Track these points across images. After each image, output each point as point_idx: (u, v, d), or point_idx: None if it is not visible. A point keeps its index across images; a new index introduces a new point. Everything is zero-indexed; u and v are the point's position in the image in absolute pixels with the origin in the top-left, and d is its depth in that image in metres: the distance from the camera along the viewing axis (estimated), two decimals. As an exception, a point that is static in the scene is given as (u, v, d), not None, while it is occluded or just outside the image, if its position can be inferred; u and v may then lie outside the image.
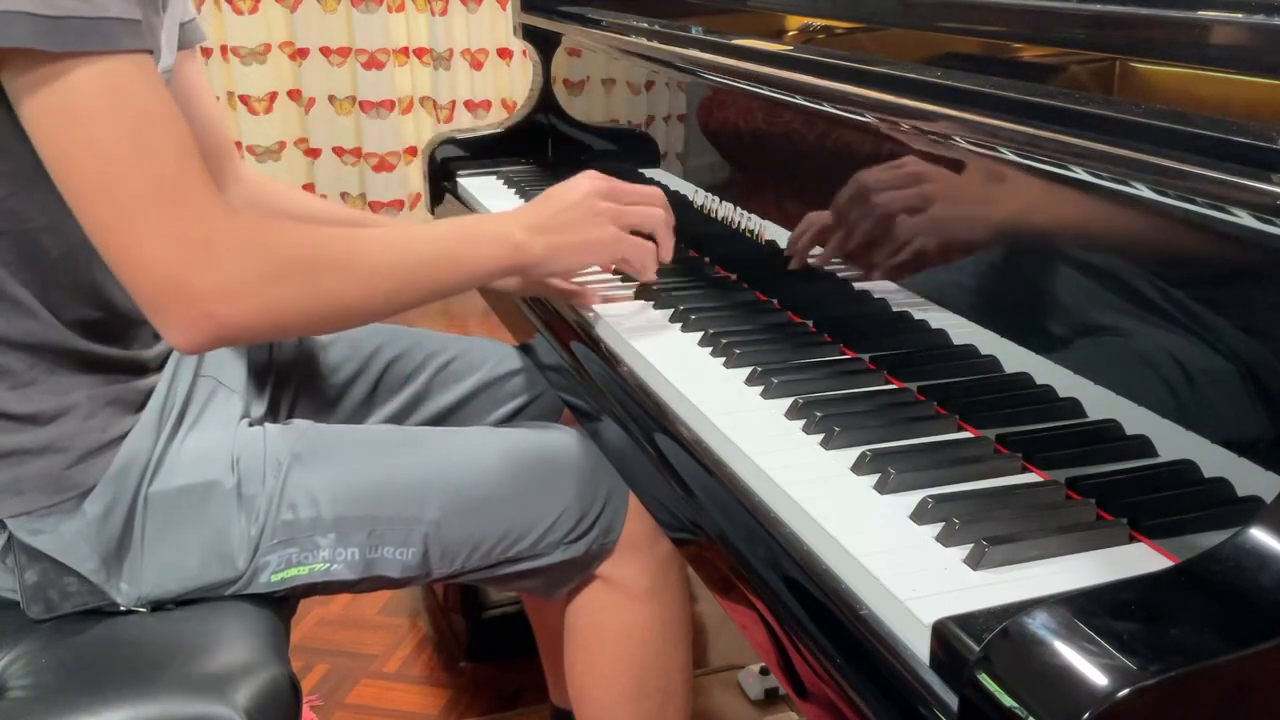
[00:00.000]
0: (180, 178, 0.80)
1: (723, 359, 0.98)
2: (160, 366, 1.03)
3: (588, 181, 1.01)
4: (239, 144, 3.66)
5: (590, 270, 1.14)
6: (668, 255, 1.05)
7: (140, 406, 1.00)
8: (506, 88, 3.81)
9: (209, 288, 0.80)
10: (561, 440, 1.10)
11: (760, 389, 0.91)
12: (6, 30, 0.75)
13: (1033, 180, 0.78)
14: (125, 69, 0.79)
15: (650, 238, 1.05)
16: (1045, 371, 0.81)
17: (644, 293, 1.14)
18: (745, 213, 1.19)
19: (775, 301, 1.12)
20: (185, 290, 0.80)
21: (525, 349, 1.30)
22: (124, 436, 0.97)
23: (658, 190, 1.06)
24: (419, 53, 3.75)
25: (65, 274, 0.93)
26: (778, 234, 1.12)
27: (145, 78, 0.80)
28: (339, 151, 3.82)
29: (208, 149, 1.19)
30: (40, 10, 0.75)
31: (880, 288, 0.97)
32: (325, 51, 3.71)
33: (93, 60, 0.77)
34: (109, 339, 0.98)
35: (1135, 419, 0.73)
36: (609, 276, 1.18)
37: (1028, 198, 0.80)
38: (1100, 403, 0.76)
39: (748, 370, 0.94)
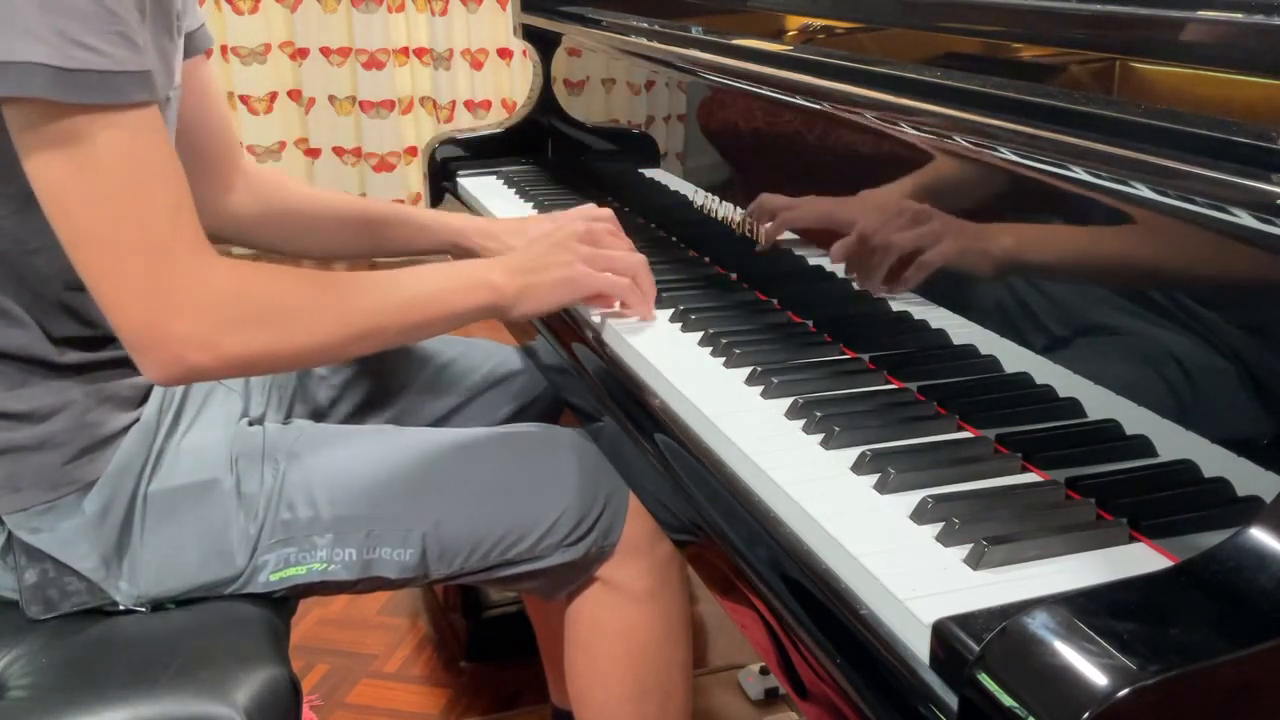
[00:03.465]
0: (169, 232, 0.83)
1: (723, 359, 0.98)
2: None
3: (574, 224, 1.08)
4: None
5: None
6: (650, 291, 1.07)
7: (138, 403, 1.00)
8: (506, 88, 3.81)
9: (183, 334, 0.84)
10: (561, 442, 1.10)
11: (760, 389, 0.91)
12: (24, 81, 0.76)
13: (1033, 180, 0.78)
14: (132, 123, 0.81)
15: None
16: (1045, 371, 0.81)
17: None
18: (745, 212, 1.19)
19: (775, 301, 1.12)
20: (161, 335, 0.83)
21: (526, 350, 1.30)
22: (122, 433, 0.97)
23: (639, 256, 1.08)
24: (419, 53, 3.75)
25: (56, 294, 0.93)
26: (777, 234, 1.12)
27: (150, 131, 0.83)
28: (339, 151, 3.82)
29: (216, 149, 1.21)
30: (56, 62, 0.76)
31: (880, 288, 0.97)
32: (325, 51, 3.71)
33: (102, 114, 0.79)
34: (100, 346, 0.98)
35: (1135, 419, 0.74)
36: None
37: (1027, 198, 0.80)
38: (1100, 403, 0.76)
39: (748, 370, 0.94)
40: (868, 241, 0.97)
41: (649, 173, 1.44)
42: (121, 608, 0.98)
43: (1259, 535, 0.54)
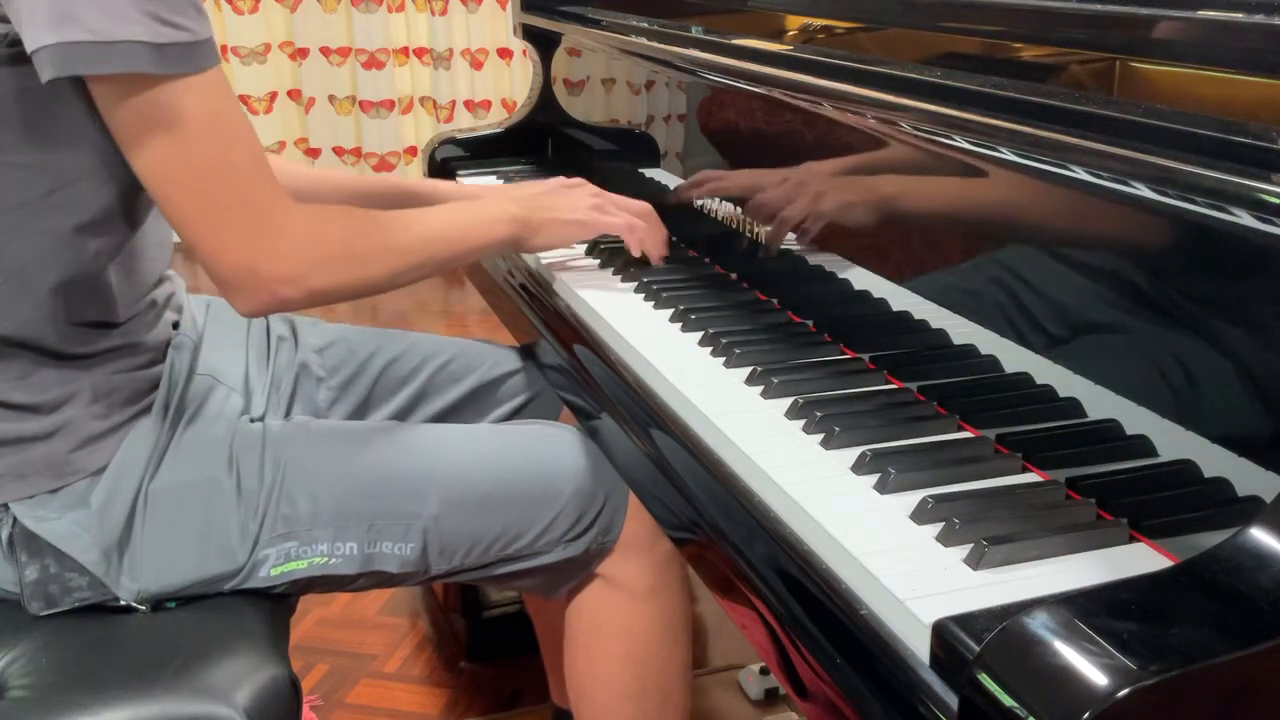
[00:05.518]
0: (256, 182, 0.92)
1: (723, 359, 0.98)
2: (161, 357, 1.04)
3: (579, 181, 1.24)
4: (239, 144, 3.67)
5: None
6: (661, 236, 1.22)
7: (142, 395, 1.00)
8: (506, 88, 3.82)
9: (276, 274, 0.94)
10: (562, 438, 1.10)
11: (760, 389, 0.91)
12: (129, 58, 0.83)
13: (1033, 180, 0.78)
14: (214, 85, 0.89)
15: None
16: (1045, 371, 0.81)
17: (642, 287, 1.15)
18: (745, 212, 1.19)
19: (775, 301, 1.12)
20: (256, 274, 0.93)
21: (525, 349, 1.30)
22: (127, 424, 0.98)
23: (645, 204, 1.23)
24: (419, 53, 3.75)
25: (87, 273, 0.96)
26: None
27: (226, 91, 0.91)
28: (339, 151, 3.82)
29: None
30: (150, 39, 0.84)
31: (880, 288, 0.97)
32: (325, 51, 3.71)
33: (189, 81, 0.87)
34: (111, 331, 0.99)
35: (1135, 419, 0.74)
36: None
37: (1028, 198, 0.80)
38: (1100, 403, 0.76)
39: (748, 370, 0.94)
40: (866, 241, 0.97)
41: (649, 173, 1.44)
42: (122, 603, 0.98)
43: (1259, 535, 0.54)
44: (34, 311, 0.94)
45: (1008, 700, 0.49)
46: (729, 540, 0.78)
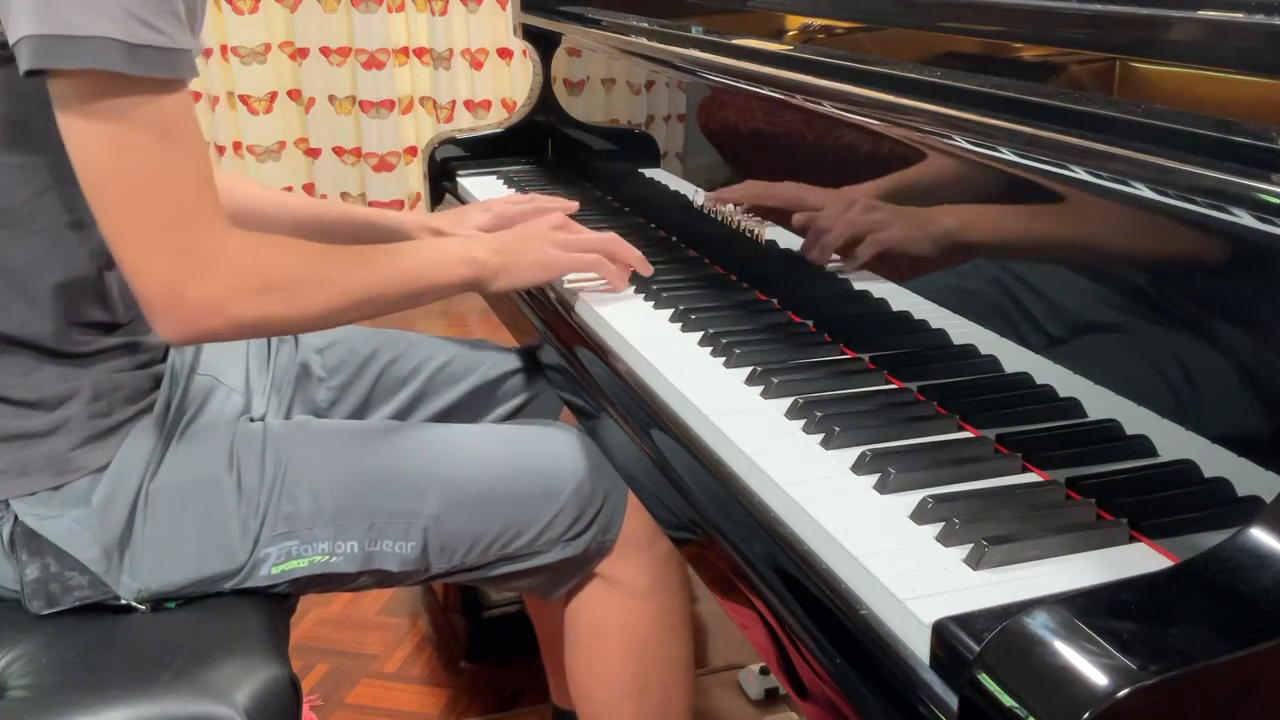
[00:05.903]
0: (197, 204, 0.89)
1: (723, 359, 0.98)
2: (162, 356, 1.04)
3: (549, 218, 1.20)
4: (239, 144, 3.66)
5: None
6: (635, 256, 1.16)
7: (144, 394, 1.01)
8: (506, 88, 3.81)
9: (198, 300, 0.90)
10: (561, 438, 1.10)
11: (760, 389, 0.91)
12: (100, 54, 0.82)
13: (1033, 180, 0.78)
14: (175, 99, 0.87)
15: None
16: (1045, 371, 0.81)
17: (642, 287, 1.16)
18: (745, 213, 1.19)
19: (775, 301, 1.12)
20: (180, 299, 0.89)
21: (525, 349, 1.30)
22: (129, 423, 0.98)
23: (612, 234, 1.18)
24: (419, 53, 3.75)
25: (84, 273, 0.96)
26: (777, 234, 1.13)
27: (187, 108, 0.89)
28: (339, 151, 3.82)
29: None
30: (125, 37, 0.82)
31: (880, 288, 0.97)
32: (325, 51, 3.71)
33: (154, 87, 0.85)
34: (112, 331, 0.99)
35: (1135, 419, 0.73)
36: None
37: (1027, 198, 0.80)
38: (1100, 403, 0.76)
39: (748, 370, 0.94)
40: (866, 241, 0.97)
41: (649, 173, 1.44)
42: (123, 602, 0.98)
43: (1259, 535, 0.54)
44: (31, 311, 0.94)
45: (1008, 700, 0.49)
46: (729, 540, 0.78)
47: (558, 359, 1.15)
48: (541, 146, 1.83)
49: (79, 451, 0.96)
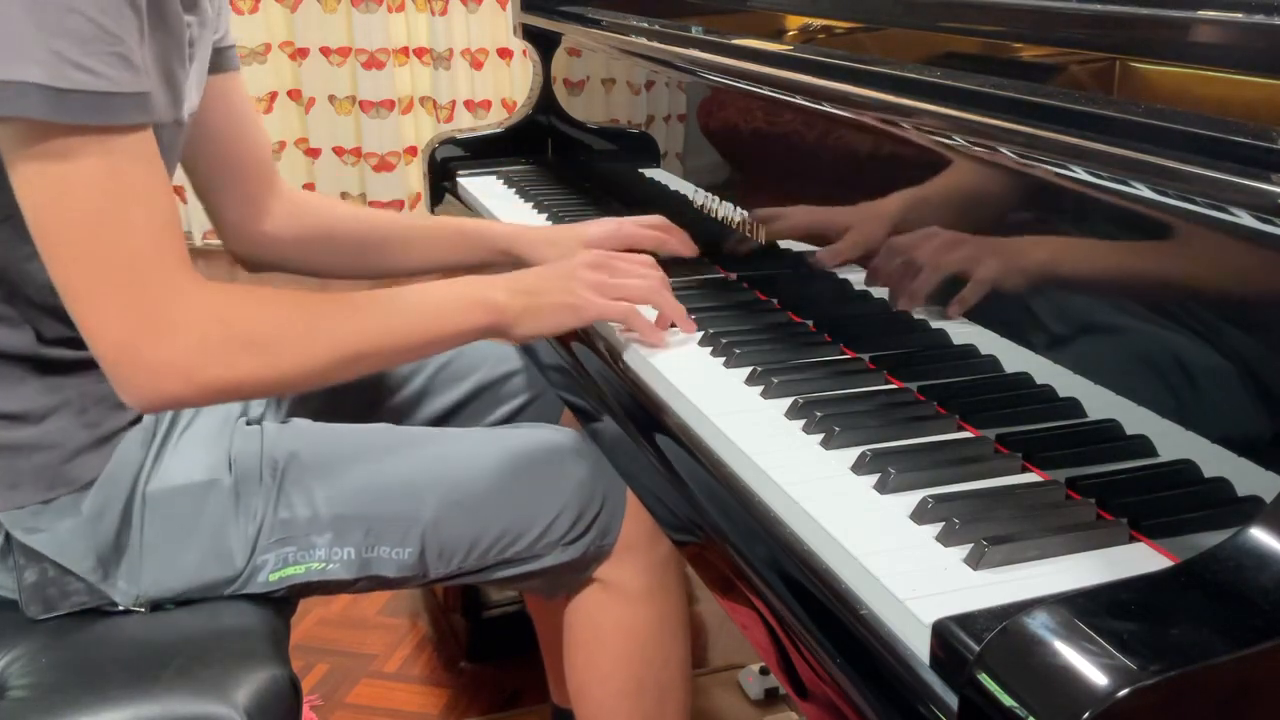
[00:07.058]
0: (149, 254, 0.82)
1: (723, 359, 0.98)
2: None
3: (581, 254, 1.05)
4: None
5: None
6: (670, 313, 1.03)
7: None
8: (506, 88, 3.81)
9: (157, 361, 0.82)
10: (559, 442, 1.10)
11: (760, 389, 0.91)
12: (17, 100, 0.76)
13: (1032, 180, 0.78)
14: (123, 144, 0.80)
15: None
16: (1045, 371, 0.81)
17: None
18: (745, 213, 1.19)
19: (775, 301, 1.12)
20: (136, 360, 0.82)
21: (525, 349, 1.30)
22: (121, 432, 0.97)
23: (648, 258, 1.06)
24: (419, 53, 3.75)
25: (47, 300, 0.92)
26: (778, 234, 1.12)
27: (140, 152, 0.82)
28: (339, 151, 3.82)
29: (250, 171, 1.18)
30: (51, 82, 0.75)
31: (880, 288, 0.97)
32: (325, 51, 3.71)
33: (93, 134, 0.78)
34: None
35: (1135, 419, 0.73)
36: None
37: (1027, 198, 0.80)
38: (1100, 403, 0.76)
39: (748, 370, 0.94)
40: (866, 243, 0.97)
41: (649, 173, 1.44)
42: (121, 608, 0.98)
43: (1259, 535, 0.54)
44: (7, 328, 0.92)
45: (1008, 700, 0.49)
46: (729, 540, 0.78)
47: (557, 359, 1.15)
48: (541, 146, 1.83)
49: (70, 465, 0.94)
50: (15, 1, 0.74)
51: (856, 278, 1.00)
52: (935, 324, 0.91)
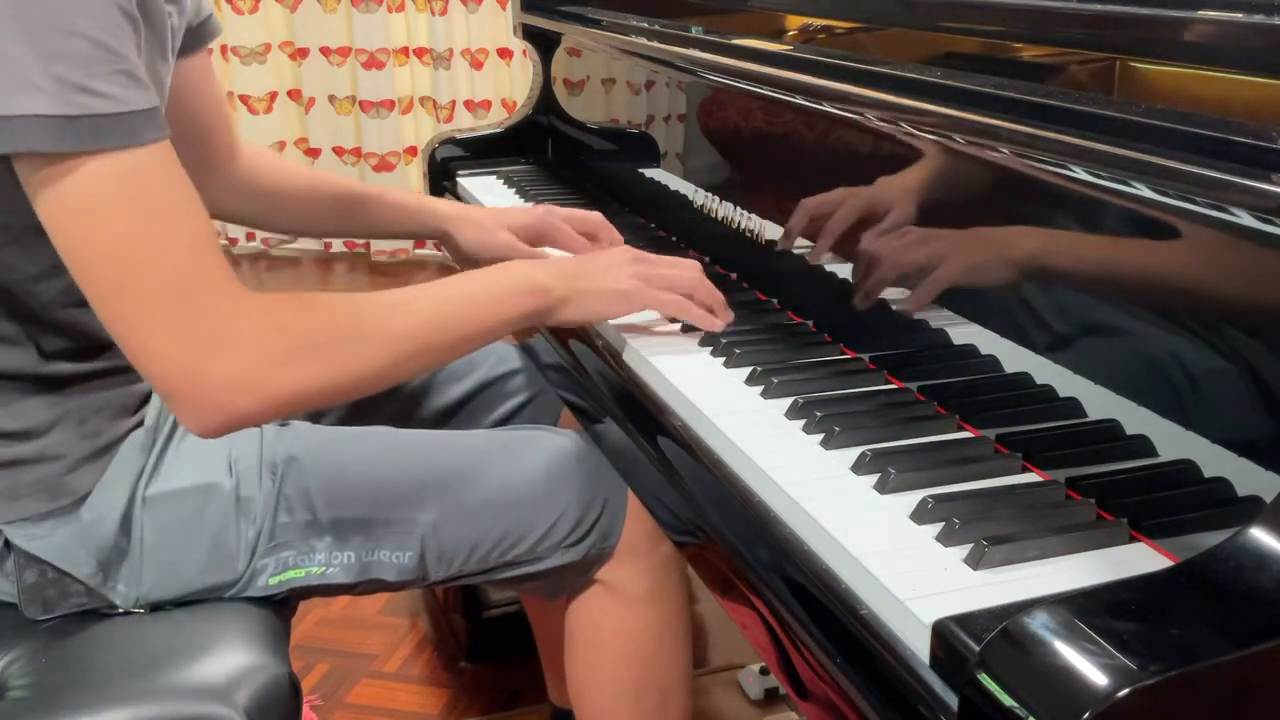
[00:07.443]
0: (194, 270, 0.79)
1: (723, 359, 0.98)
2: None
3: (620, 250, 1.06)
4: (239, 144, 3.66)
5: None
6: (720, 310, 1.03)
7: (136, 408, 0.99)
8: (506, 88, 3.81)
9: (224, 379, 0.79)
10: (559, 444, 1.10)
11: (760, 389, 0.91)
12: (22, 135, 0.73)
13: (1032, 180, 0.78)
14: (143, 161, 0.77)
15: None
16: (1045, 371, 0.81)
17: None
18: (745, 213, 1.19)
19: (775, 301, 1.12)
20: (200, 382, 0.79)
21: (525, 348, 1.30)
22: (119, 440, 0.97)
23: (693, 261, 1.06)
24: (419, 53, 3.75)
25: (53, 315, 0.92)
26: (778, 234, 1.12)
27: (163, 167, 0.79)
28: (339, 151, 3.82)
29: (215, 139, 1.21)
30: (56, 111, 0.73)
31: (879, 287, 0.97)
32: (325, 51, 3.71)
33: (110, 156, 0.75)
34: (94, 356, 0.96)
35: (1135, 419, 0.74)
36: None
37: (1027, 198, 0.80)
38: (1100, 403, 0.76)
39: (748, 370, 0.94)
40: (866, 243, 0.97)
41: (649, 173, 1.44)
42: (120, 610, 0.98)
43: (1259, 535, 0.54)
44: (9, 347, 0.92)
45: (1008, 700, 0.49)
46: (729, 540, 0.78)
47: (557, 359, 1.15)
48: (541, 146, 1.83)
49: (71, 475, 0.94)
50: (12, 30, 0.72)
51: (855, 277, 1.00)
52: (935, 324, 0.91)
